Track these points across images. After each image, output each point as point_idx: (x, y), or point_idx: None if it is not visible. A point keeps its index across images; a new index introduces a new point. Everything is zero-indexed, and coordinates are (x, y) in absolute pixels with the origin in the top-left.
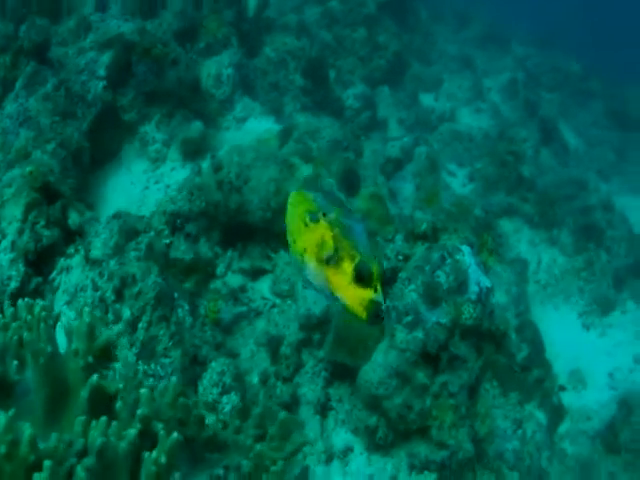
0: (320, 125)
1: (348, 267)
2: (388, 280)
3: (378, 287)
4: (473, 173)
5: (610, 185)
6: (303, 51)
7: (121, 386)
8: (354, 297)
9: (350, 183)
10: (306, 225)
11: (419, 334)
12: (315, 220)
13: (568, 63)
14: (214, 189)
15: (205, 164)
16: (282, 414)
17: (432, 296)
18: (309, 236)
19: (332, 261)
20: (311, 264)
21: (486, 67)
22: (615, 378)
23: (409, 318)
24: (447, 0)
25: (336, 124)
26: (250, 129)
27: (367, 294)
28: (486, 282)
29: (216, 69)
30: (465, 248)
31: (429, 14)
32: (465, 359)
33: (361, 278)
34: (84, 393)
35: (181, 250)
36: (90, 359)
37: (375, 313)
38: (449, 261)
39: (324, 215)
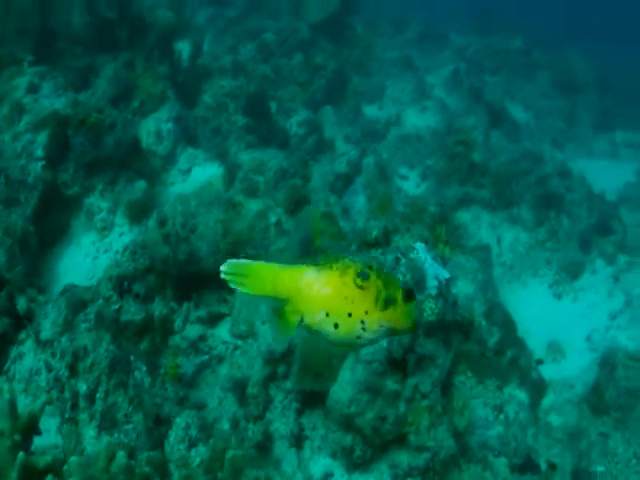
0: (264, 158)
1: (400, 297)
2: None
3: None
4: (425, 172)
5: (565, 152)
6: (241, 89)
7: (50, 459)
8: (404, 317)
9: (300, 209)
10: (362, 288)
11: (383, 342)
12: (367, 277)
13: (508, 41)
14: (161, 244)
15: (151, 221)
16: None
17: None
18: (367, 297)
19: (390, 302)
20: (376, 320)
21: (427, 65)
22: (593, 340)
23: None
24: (382, 9)
25: (281, 154)
26: (196, 178)
27: (410, 307)
28: (444, 274)
29: (155, 126)
30: (419, 245)
31: (365, 26)
32: (433, 356)
33: (410, 296)
34: (13, 474)
35: (131, 312)
36: (17, 437)
37: (416, 319)
38: (404, 261)
39: (370, 268)
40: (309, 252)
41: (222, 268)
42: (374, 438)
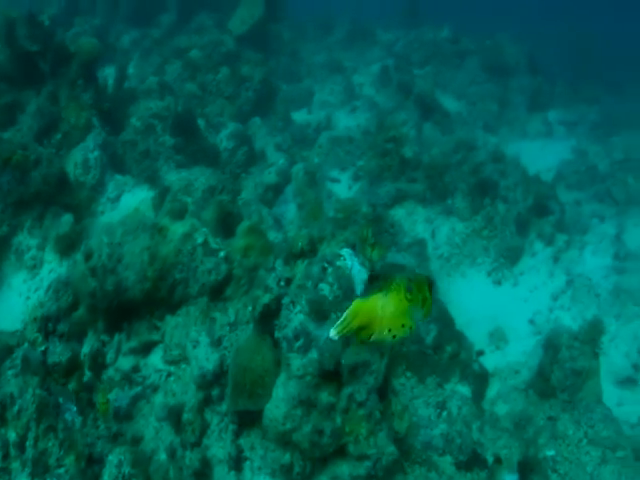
0: (192, 177)
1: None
2: (274, 312)
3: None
4: (357, 172)
5: (499, 136)
6: (168, 110)
7: None
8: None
9: (227, 225)
10: (410, 301)
11: (314, 355)
12: (411, 289)
13: (436, 32)
14: (88, 278)
15: (78, 255)
16: None
17: (319, 311)
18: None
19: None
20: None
21: (355, 64)
22: (536, 322)
23: (300, 342)
24: (308, 15)
25: (208, 171)
26: (125, 205)
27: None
28: None
29: (82, 156)
30: (345, 252)
31: (292, 33)
32: (367, 363)
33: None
34: None
35: (57, 353)
36: None
37: None
38: (330, 270)
39: (410, 280)
40: None
41: (332, 335)
42: (313, 452)
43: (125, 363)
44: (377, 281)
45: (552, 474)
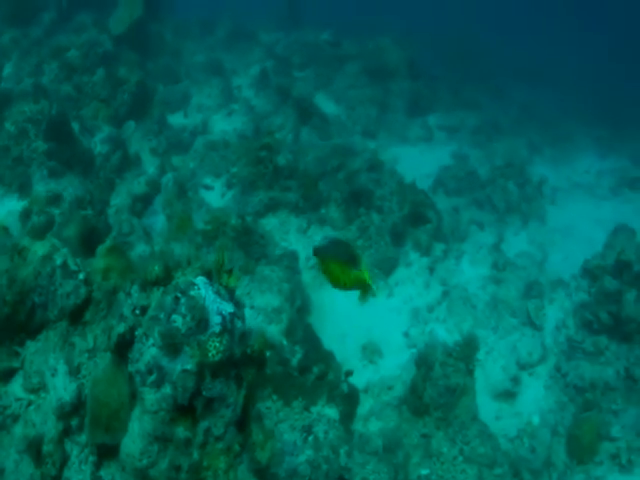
0: (60, 188)
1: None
2: (128, 343)
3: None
4: (230, 180)
5: (379, 140)
6: (42, 113)
7: None
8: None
9: (92, 241)
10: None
11: (167, 390)
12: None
13: (317, 35)
14: None
15: None
16: None
17: (172, 345)
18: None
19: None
20: None
21: (235, 66)
22: (411, 335)
23: (153, 377)
24: (190, 13)
25: (76, 181)
26: None
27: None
28: (228, 308)
29: None
30: (199, 280)
31: (174, 32)
32: (223, 396)
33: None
34: None
35: None
36: None
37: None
38: (183, 300)
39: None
40: None
41: None
42: None
43: None
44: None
45: None
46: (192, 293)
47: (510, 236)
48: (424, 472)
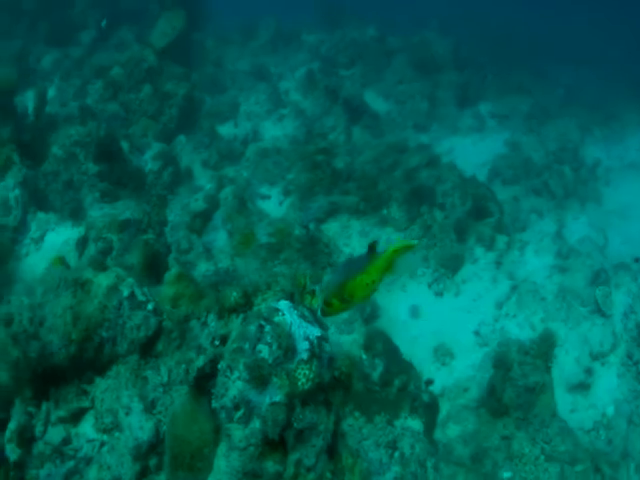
0: (115, 212)
1: None
2: (209, 376)
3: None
4: (287, 187)
5: (430, 134)
6: (90, 135)
7: None
8: None
9: (154, 266)
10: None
11: (256, 424)
12: None
13: (362, 31)
14: (11, 346)
15: None
16: None
17: (259, 377)
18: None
19: None
20: None
21: (281, 70)
22: (482, 334)
23: (241, 412)
24: (230, 19)
25: (131, 203)
26: (50, 245)
27: None
28: (314, 332)
29: (2, 197)
30: (282, 304)
31: (216, 40)
32: (313, 425)
33: None
34: None
35: None
36: None
37: None
38: (268, 328)
39: None
40: None
41: None
42: None
43: (55, 434)
44: None
45: None
46: (277, 320)
47: (570, 222)
48: (507, 475)
